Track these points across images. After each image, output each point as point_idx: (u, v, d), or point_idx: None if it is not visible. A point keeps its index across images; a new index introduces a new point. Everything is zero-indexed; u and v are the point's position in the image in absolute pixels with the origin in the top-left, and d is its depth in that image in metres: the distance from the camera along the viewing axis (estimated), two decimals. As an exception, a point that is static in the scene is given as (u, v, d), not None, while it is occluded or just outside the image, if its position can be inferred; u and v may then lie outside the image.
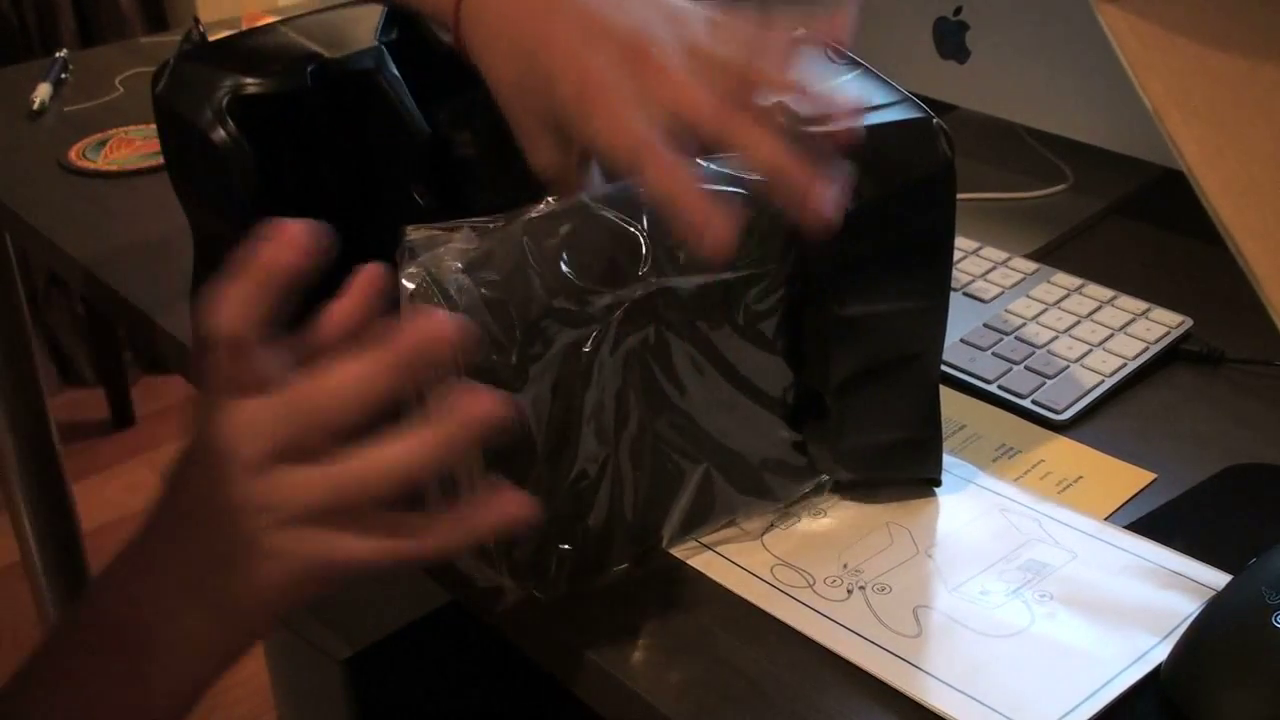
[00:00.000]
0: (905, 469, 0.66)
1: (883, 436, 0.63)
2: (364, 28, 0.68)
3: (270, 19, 1.27)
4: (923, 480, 0.66)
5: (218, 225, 0.68)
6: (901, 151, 0.57)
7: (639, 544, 0.62)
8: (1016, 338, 0.77)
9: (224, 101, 0.63)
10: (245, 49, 0.67)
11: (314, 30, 0.68)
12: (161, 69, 0.66)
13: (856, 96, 0.58)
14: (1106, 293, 0.80)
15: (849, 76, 0.61)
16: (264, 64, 0.65)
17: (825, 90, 0.56)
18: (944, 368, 0.72)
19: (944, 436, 0.66)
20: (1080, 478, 0.67)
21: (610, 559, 0.61)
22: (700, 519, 0.63)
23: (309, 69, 0.64)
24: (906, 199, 0.58)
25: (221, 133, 0.63)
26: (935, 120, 0.58)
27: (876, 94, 0.59)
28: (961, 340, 0.77)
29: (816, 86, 0.56)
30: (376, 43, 0.66)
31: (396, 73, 0.66)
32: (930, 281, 0.61)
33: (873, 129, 0.57)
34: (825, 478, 0.65)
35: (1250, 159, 0.72)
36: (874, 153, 0.56)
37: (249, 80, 0.64)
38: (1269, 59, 0.74)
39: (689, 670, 0.57)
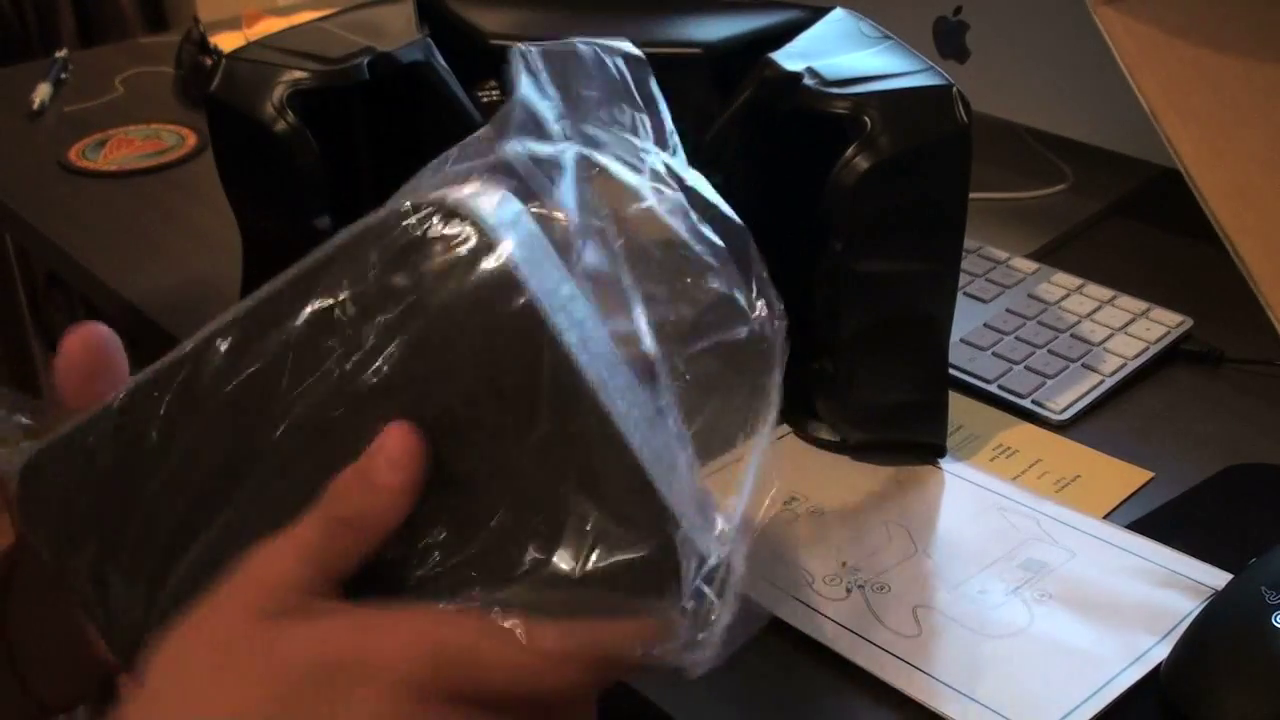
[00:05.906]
0: (911, 432, 0.67)
1: (890, 396, 0.66)
2: (401, 22, 0.68)
3: (270, 19, 1.27)
4: (927, 448, 0.67)
5: (275, 225, 0.67)
6: (921, 115, 0.60)
7: None
8: (1016, 338, 0.77)
9: (284, 95, 0.63)
10: (295, 45, 0.67)
11: (355, 26, 0.68)
12: (214, 68, 0.66)
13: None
14: (1106, 293, 0.80)
15: (879, 48, 0.65)
16: (319, 58, 0.64)
17: None
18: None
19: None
20: (1078, 477, 0.67)
21: None
22: None
23: (365, 61, 0.64)
24: (923, 160, 0.60)
25: (284, 124, 0.62)
26: (955, 88, 0.61)
27: (902, 63, 0.63)
28: (961, 340, 0.77)
29: None
30: (423, 35, 0.66)
31: (445, 64, 0.66)
32: (942, 246, 0.63)
33: (896, 93, 0.60)
34: None
35: (1246, 159, 0.72)
36: (895, 114, 0.59)
37: (307, 73, 0.63)
38: (1265, 61, 0.74)
39: (688, 670, 0.57)
